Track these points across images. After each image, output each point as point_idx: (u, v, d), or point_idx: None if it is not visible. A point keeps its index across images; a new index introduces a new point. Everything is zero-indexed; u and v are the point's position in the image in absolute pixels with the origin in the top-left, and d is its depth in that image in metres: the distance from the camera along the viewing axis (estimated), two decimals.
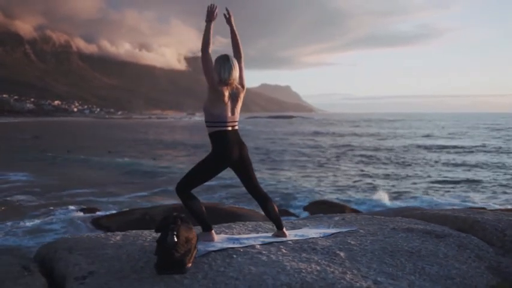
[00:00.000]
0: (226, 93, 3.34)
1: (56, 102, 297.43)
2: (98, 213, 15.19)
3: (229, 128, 3.38)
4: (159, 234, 2.87)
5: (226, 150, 3.34)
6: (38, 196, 18.10)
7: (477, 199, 17.81)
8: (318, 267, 2.78)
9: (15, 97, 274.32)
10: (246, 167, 3.51)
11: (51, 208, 15.86)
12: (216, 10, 3.36)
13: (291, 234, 3.68)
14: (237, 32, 3.61)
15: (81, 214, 14.98)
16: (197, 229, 3.38)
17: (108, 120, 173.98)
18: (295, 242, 3.41)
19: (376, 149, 39.40)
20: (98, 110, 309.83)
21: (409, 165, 28.49)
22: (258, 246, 3.26)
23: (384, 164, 29.31)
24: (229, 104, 3.36)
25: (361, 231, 3.78)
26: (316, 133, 68.44)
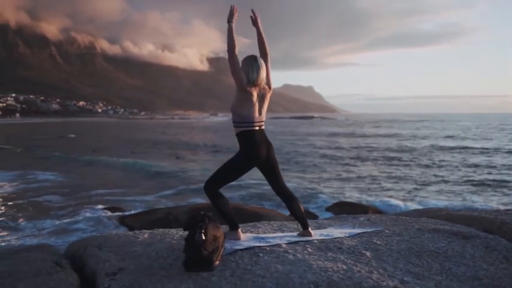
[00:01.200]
0: (255, 94, 3.39)
1: (81, 103, 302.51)
2: (123, 212, 15.41)
3: (257, 128, 3.42)
4: (187, 232, 2.93)
5: (254, 150, 3.38)
6: (64, 195, 18.41)
7: (505, 200, 17.48)
8: (345, 266, 2.80)
9: (42, 98, 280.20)
10: (273, 166, 3.54)
11: (78, 207, 16.10)
12: (237, 11, 3.38)
13: (316, 234, 3.70)
14: (263, 34, 3.65)
15: (107, 213, 15.20)
16: (224, 228, 3.43)
17: (132, 121, 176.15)
18: (321, 241, 3.43)
19: (399, 150, 38.96)
20: (122, 110, 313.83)
21: (433, 166, 28.09)
22: (284, 245, 3.29)
23: (407, 165, 28.98)
24: (257, 104, 3.41)
25: (386, 231, 3.78)
26: (337, 134, 68.07)
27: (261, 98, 3.44)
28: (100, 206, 16.19)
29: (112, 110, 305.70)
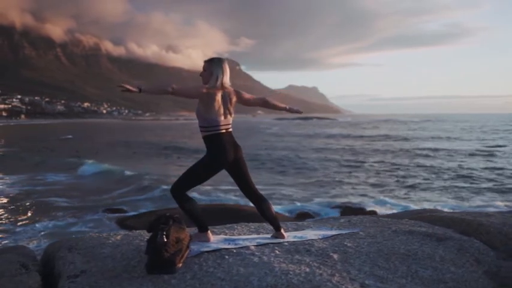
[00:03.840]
0: (218, 97, 3.35)
1: (86, 104, 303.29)
2: (125, 214, 15.41)
3: (224, 131, 3.38)
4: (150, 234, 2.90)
5: (221, 153, 3.34)
6: (69, 197, 18.43)
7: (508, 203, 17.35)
8: (308, 269, 2.75)
9: (47, 99, 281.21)
10: (241, 168, 3.50)
11: (82, 209, 16.14)
12: (126, 86, 3.06)
13: (290, 236, 3.66)
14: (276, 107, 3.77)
15: (109, 215, 15.20)
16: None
17: (136, 122, 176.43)
18: (292, 243, 3.39)
19: (404, 151, 38.80)
20: (126, 111, 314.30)
21: (438, 167, 27.89)
22: (253, 247, 3.24)
23: (412, 166, 28.84)
24: (222, 107, 3.37)
25: (361, 233, 3.73)
26: (340, 135, 67.85)
27: (226, 101, 3.40)
28: (102, 208, 16.22)
29: (116, 111, 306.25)
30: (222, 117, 3.37)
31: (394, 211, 14.47)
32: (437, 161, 31.53)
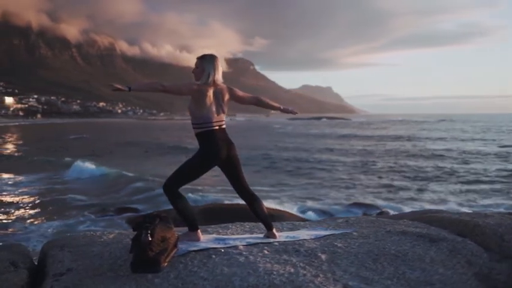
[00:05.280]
0: (209, 94, 3.33)
1: (101, 104, 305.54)
2: (136, 213, 15.46)
3: (217, 128, 3.37)
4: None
5: (214, 150, 3.33)
6: (84, 196, 18.59)
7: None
8: (292, 269, 2.73)
9: (63, 99, 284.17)
10: (235, 166, 3.49)
11: (94, 208, 16.25)
12: (117, 86, 3.10)
13: (282, 236, 3.63)
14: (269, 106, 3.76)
15: (122, 215, 15.27)
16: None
17: (150, 122, 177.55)
18: (282, 243, 3.36)
19: (417, 151, 38.44)
20: (141, 111, 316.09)
21: (451, 168, 27.54)
22: (242, 247, 3.22)
23: (425, 167, 28.56)
24: (214, 104, 3.36)
25: (354, 233, 3.68)
26: (353, 135, 67.48)
27: (218, 97, 3.39)
28: (113, 208, 16.30)
29: (131, 110, 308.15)
30: (215, 114, 3.35)
31: (405, 211, 14.36)
32: (451, 161, 31.17)
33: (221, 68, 3.45)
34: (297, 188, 21.22)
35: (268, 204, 16.09)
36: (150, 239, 2.77)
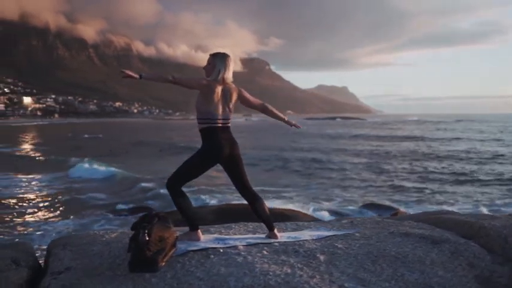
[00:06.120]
0: (218, 91, 3.35)
1: (117, 103, 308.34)
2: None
3: (220, 125, 3.37)
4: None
5: (216, 147, 3.34)
6: (100, 195, 18.77)
7: None
8: (289, 270, 2.71)
9: (80, 99, 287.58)
10: (237, 165, 3.48)
11: (110, 207, 16.39)
12: (128, 73, 3.14)
13: (284, 236, 3.61)
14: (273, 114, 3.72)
15: (135, 214, 15.33)
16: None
17: (166, 122, 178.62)
18: (282, 243, 3.34)
19: (432, 152, 38.03)
20: (157, 111, 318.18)
21: (467, 169, 27.16)
22: (241, 247, 3.21)
23: (441, 167, 28.25)
24: (221, 101, 3.37)
25: (357, 234, 3.65)
26: (368, 136, 67.02)
27: (226, 96, 3.39)
28: (127, 206, 16.40)
29: (147, 110, 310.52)
30: (220, 111, 3.37)
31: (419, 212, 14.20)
32: (467, 162, 30.79)
33: (232, 67, 3.46)
34: (311, 188, 21.17)
35: (282, 204, 16.10)
36: (147, 238, 2.78)
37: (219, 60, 3.40)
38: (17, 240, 11.21)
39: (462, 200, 18.30)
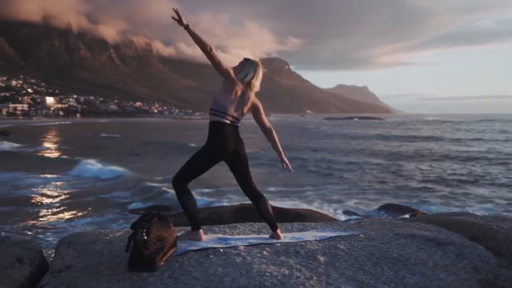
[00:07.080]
0: (238, 89, 3.37)
1: (138, 103, 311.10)
2: (168, 212, 15.59)
3: (228, 122, 3.37)
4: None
5: (220, 143, 3.34)
6: (119, 194, 18.94)
7: None
8: (287, 271, 2.68)
9: (101, 99, 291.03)
10: (241, 164, 3.48)
11: (127, 206, 16.52)
12: (179, 11, 3.30)
13: (287, 237, 3.59)
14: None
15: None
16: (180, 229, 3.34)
17: (185, 121, 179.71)
18: (284, 244, 3.31)
19: (453, 153, 37.47)
20: (177, 111, 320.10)
21: (489, 171, 26.66)
22: (242, 247, 3.19)
23: (462, 169, 27.82)
24: (236, 100, 3.39)
25: (361, 235, 3.60)
26: (387, 136, 66.39)
27: (243, 97, 3.41)
28: (144, 205, 16.51)
29: (167, 110, 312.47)
30: (233, 109, 3.38)
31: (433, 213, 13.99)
32: (487, 163, 30.24)
33: (261, 77, 3.49)
34: (329, 188, 21.01)
35: (300, 204, 16.04)
36: (145, 237, 2.78)
37: (249, 64, 3.46)
38: (28, 238, 11.42)
39: (483, 202, 17.96)
